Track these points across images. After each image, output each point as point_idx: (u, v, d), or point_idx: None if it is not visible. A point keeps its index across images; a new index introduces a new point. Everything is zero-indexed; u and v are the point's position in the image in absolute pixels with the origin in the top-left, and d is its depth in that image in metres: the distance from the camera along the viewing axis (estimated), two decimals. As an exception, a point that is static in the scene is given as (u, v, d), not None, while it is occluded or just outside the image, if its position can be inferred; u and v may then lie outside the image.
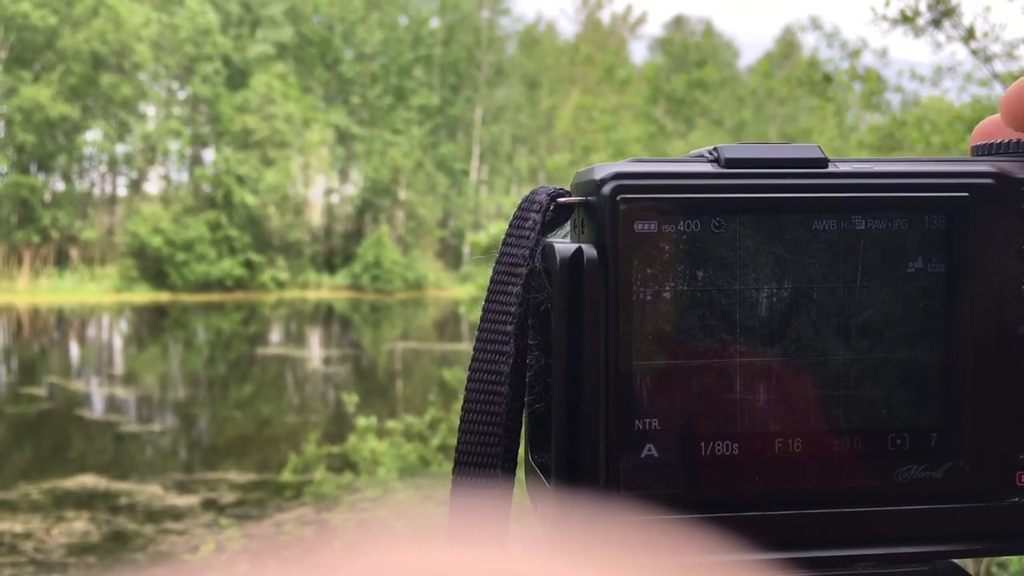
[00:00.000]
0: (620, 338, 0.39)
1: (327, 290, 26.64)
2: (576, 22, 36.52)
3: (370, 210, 28.74)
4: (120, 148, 26.60)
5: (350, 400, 5.91)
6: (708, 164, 0.41)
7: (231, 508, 7.42)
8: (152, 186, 27.82)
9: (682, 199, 0.39)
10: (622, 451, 0.39)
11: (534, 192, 0.42)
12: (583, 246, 0.39)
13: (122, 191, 27.72)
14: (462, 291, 12.68)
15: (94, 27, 23.92)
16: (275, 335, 19.96)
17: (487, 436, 0.40)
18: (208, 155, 27.54)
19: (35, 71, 24.27)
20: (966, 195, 0.41)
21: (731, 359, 0.40)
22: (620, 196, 0.39)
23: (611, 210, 0.39)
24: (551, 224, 0.42)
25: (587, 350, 0.39)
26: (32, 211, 24.57)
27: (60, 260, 25.04)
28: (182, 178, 27.45)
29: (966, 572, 0.43)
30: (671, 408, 0.40)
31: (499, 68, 31.04)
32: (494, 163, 31.30)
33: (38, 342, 17.85)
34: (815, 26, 6.85)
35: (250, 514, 7.20)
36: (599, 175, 0.40)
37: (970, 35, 4.72)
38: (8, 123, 24.20)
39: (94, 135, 26.22)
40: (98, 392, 12.98)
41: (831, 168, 0.41)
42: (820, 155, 0.41)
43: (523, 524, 0.41)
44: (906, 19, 4.70)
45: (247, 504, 7.54)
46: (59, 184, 26.01)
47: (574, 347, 0.39)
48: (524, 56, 31.54)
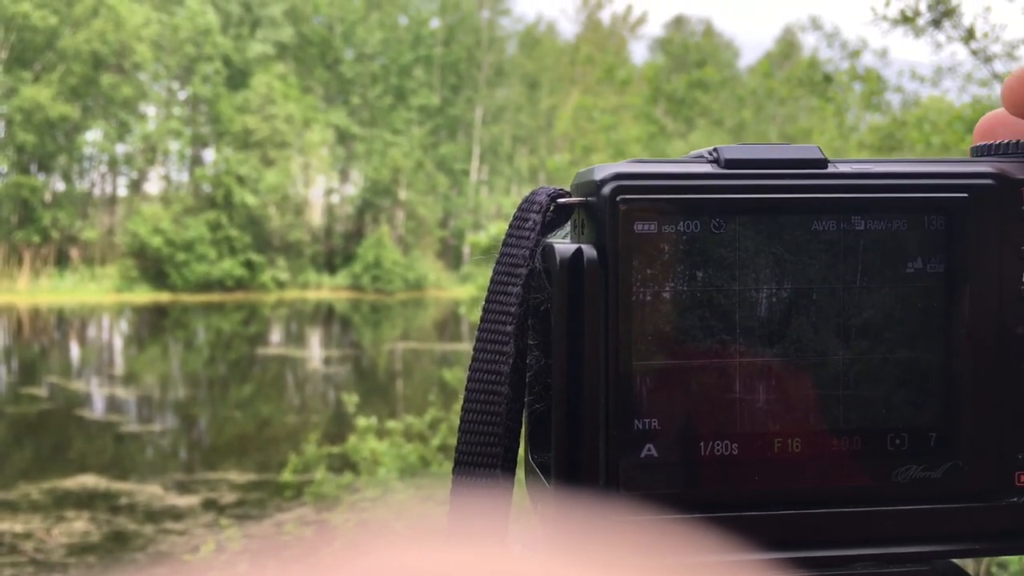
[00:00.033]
0: (620, 338, 0.39)
1: (327, 290, 26.63)
2: (576, 22, 36.54)
3: (370, 210, 28.74)
4: (120, 148, 26.63)
5: (350, 400, 5.91)
6: (708, 165, 0.41)
7: (231, 508, 7.42)
8: (152, 186, 27.86)
9: (682, 200, 0.40)
10: (622, 451, 0.39)
11: (534, 193, 0.42)
12: (583, 246, 0.39)
13: (122, 191, 27.77)
14: (462, 291, 12.67)
15: (94, 27, 23.91)
16: (275, 335, 19.95)
17: (487, 436, 0.40)
18: (208, 155, 27.57)
19: (35, 71, 24.27)
20: (966, 196, 0.41)
21: (731, 359, 0.40)
22: (620, 197, 0.39)
23: (611, 211, 0.39)
24: (551, 225, 0.42)
25: (587, 350, 0.39)
26: (32, 211, 24.57)
27: (60, 260, 25.04)
28: (182, 178, 27.49)
29: (965, 572, 0.43)
30: (671, 408, 0.40)
31: (499, 68, 31.03)
32: (494, 163, 31.30)
33: (38, 342, 17.85)
34: (815, 26, 6.84)
35: (250, 514, 7.20)
36: (599, 176, 0.40)
37: (970, 35, 4.71)
38: (8, 123, 24.20)
39: (94, 135, 26.25)
40: (98, 392, 12.98)
41: (831, 169, 0.41)
42: (820, 155, 0.41)
43: (523, 524, 0.41)
44: (906, 19, 4.69)
45: (247, 504, 7.54)
46: (59, 184, 26.02)
47: (574, 347, 0.39)
48: (524, 56, 31.53)
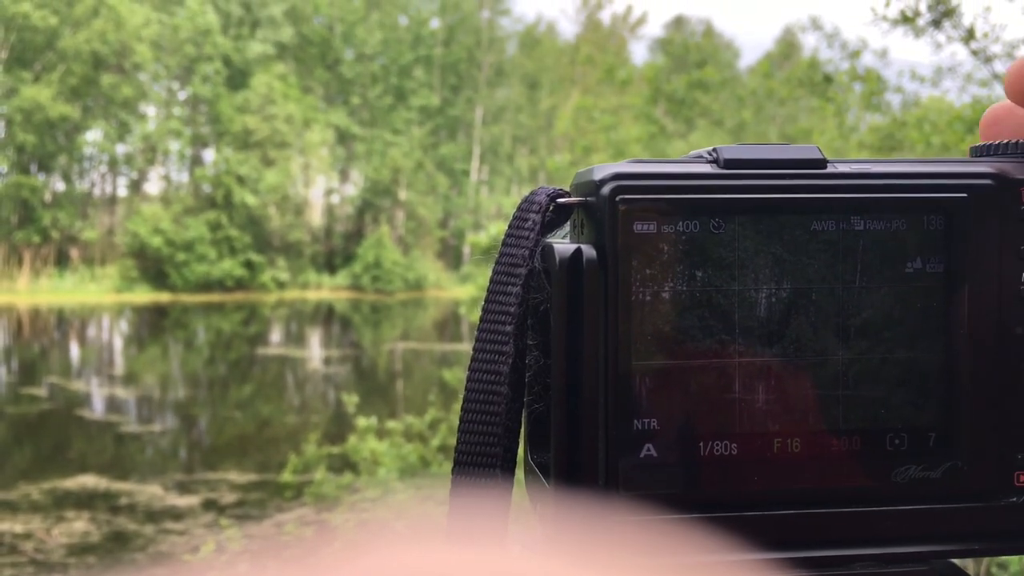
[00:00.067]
0: (619, 338, 0.39)
1: (327, 290, 26.63)
2: (576, 23, 36.54)
3: (370, 210, 28.74)
4: (120, 148, 26.64)
5: (350, 400, 5.91)
6: (707, 165, 0.41)
7: (231, 508, 7.42)
8: (152, 186, 27.86)
9: (681, 200, 0.40)
10: (621, 451, 0.39)
11: (533, 193, 0.42)
12: (582, 246, 0.39)
13: (122, 191, 27.77)
14: (462, 291, 12.67)
15: (94, 27, 23.92)
16: (275, 335, 19.95)
17: (486, 436, 0.40)
18: (208, 155, 27.57)
19: (35, 71, 24.27)
20: (965, 196, 0.41)
21: (730, 359, 0.40)
22: (619, 197, 0.39)
23: (610, 211, 0.39)
24: (551, 225, 0.42)
25: (586, 350, 0.39)
26: (32, 211, 24.57)
27: (60, 260, 25.04)
28: (182, 178, 27.49)
29: (965, 572, 0.43)
30: (670, 408, 0.40)
31: (499, 68, 31.04)
32: (494, 163, 31.30)
33: (38, 342, 17.85)
34: (815, 27, 6.84)
35: (250, 514, 7.20)
36: (598, 176, 0.40)
37: (970, 36, 4.71)
38: (8, 123, 24.21)
39: (94, 135, 26.26)
40: (98, 392, 12.97)
41: (830, 169, 0.41)
42: (819, 156, 0.41)
43: (522, 524, 0.41)
44: (906, 20, 4.69)
45: (247, 504, 7.54)
46: (59, 184, 26.03)
47: (573, 347, 0.39)
48: (524, 56, 31.53)
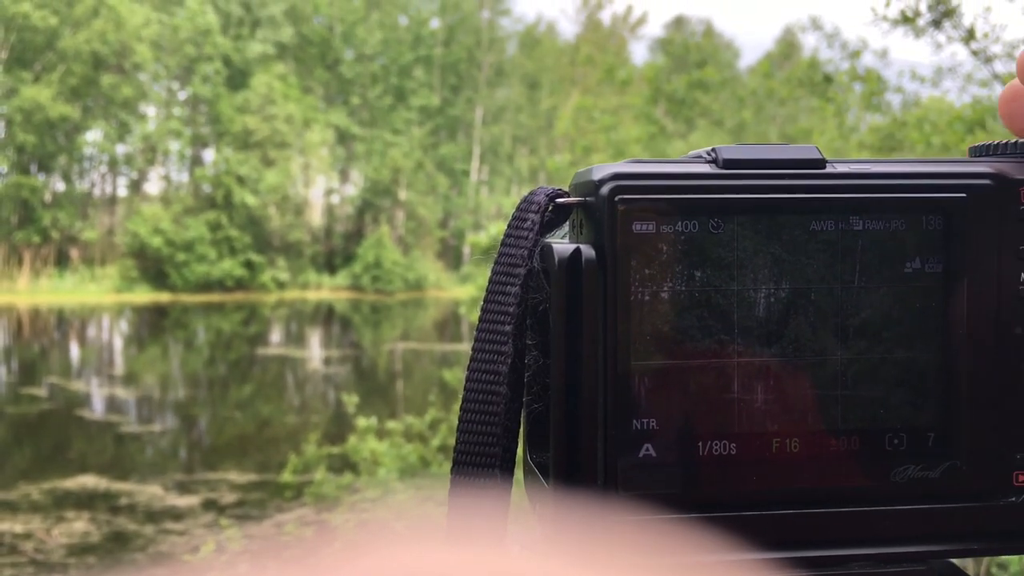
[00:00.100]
0: (618, 338, 0.39)
1: (327, 290, 26.63)
2: (576, 23, 36.53)
3: (370, 210, 28.73)
4: (120, 148, 26.63)
5: (350, 401, 5.90)
6: (706, 165, 0.41)
7: (231, 508, 7.42)
8: (152, 186, 27.85)
9: (680, 200, 0.40)
10: (620, 451, 0.39)
11: (532, 193, 0.42)
12: (581, 246, 0.39)
13: (122, 191, 27.75)
14: (462, 291, 12.67)
15: (94, 27, 23.92)
16: (275, 335, 19.95)
17: (485, 436, 0.40)
18: (208, 155, 27.56)
19: (35, 71, 24.27)
20: (964, 196, 0.41)
21: (729, 359, 0.40)
22: (618, 197, 0.39)
23: (609, 211, 0.39)
24: (550, 224, 0.42)
25: (585, 350, 0.39)
26: (32, 211, 24.57)
27: (60, 260, 25.04)
28: (182, 178, 27.48)
29: (964, 572, 0.43)
30: (669, 408, 0.40)
31: (499, 69, 31.03)
32: (494, 163, 31.29)
33: (38, 342, 17.85)
34: (815, 27, 6.83)
35: (250, 514, 7.20)
36: (597, 176, 0.40)
37: (970, 36, 4.71)
38: (8, 123, 24.20)
39: (94, 135, 26.24)
40: (98, 392, 12.97)
41: (829, 169, 0.41)
42: (818, 156, 0.41)
43: (522, 524, 0.41)
44: (906, 20, 4.69)
45: (247, 504, 7.54)
46: (59, 184, 26.02)
47: (572, 347, 0.39)
48: (524, 57, 31.52)
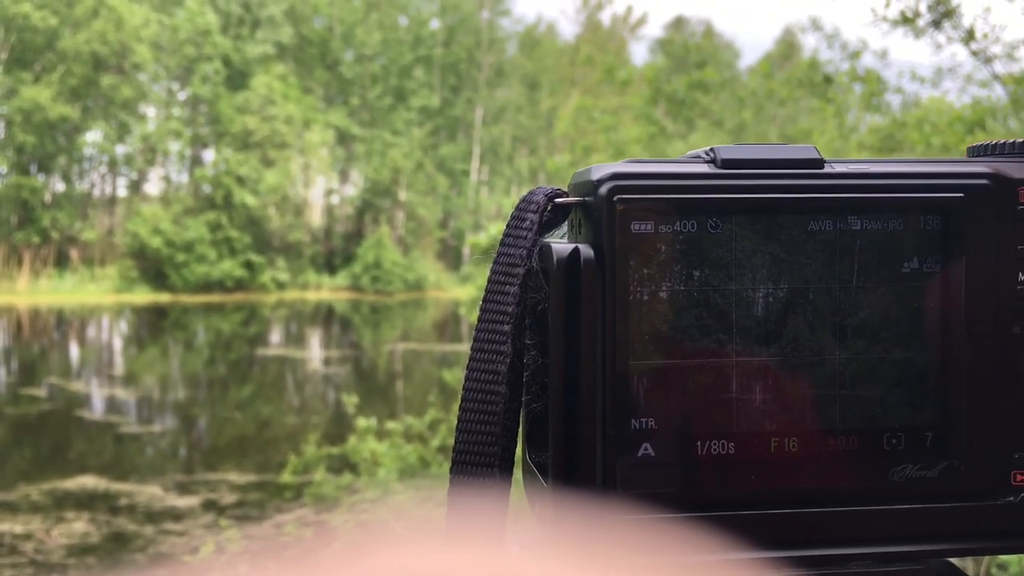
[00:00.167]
0: (617, 338, 0.39)
1: (327, 291, 26.62)
2: (576, 23, 36.51)
3: (370, 211, 28.73)
4: (120, 149, 26.61)
5: (350, 401, 5.90)
6: (704, 165, 0.41)
7: (231, 509, 7.41)
8: (152, 187, 27.83)
9: (678, 199, 0.40)
10: (619, 450, 0.39)
11: (532, 192, 0.42)
12: (580, 246, 0.40)
13: (122, 192, 27.73)
14: (462, 292, 12.68)
15: (94, 28, 23.91)
16: (275, 336, 19.95)
17: (485, 436, 0.40)
18: (208, 156, 27.54)
19: (35, 72, 24.26)
20: (962, 196, 0.41)
21: (727, 359, 0.40)
22: (617, 196, 0.39)
23: (608, 210, 0.39)
24: (548, 224, 0.42)
25: (584, 350, 0.39)
26: (32, 212, 24.56)
27: (60, 261, 25.02)
28: (182, 179, 27.45)
29: (962, 571, 0.43)
30: (668, 408, 0.40)
31: (499, 69, 31.02)
32: (494, 164, 31.29)
33: (38, 343, 17.84)
34: (815, 27, 6.84)
35: (250, 515, 7.19)
36: (596, 176, 0.40)
37: (970, 36, 4.71)
38: (8, 124, 24.19)
39: (94, 136, 26.23)
40: (98, 393, 12.97)
41: (827, 169, 0.41)
42: (816, 156, 0.41)
43: (521, 524, 0.41)
44: (906, 20, 4.69)
45: (247, 505, 7.54)
46: (59, 185, 26.00)
47: (571, 347, 0.39)
48: (524, 57, 31.52)
